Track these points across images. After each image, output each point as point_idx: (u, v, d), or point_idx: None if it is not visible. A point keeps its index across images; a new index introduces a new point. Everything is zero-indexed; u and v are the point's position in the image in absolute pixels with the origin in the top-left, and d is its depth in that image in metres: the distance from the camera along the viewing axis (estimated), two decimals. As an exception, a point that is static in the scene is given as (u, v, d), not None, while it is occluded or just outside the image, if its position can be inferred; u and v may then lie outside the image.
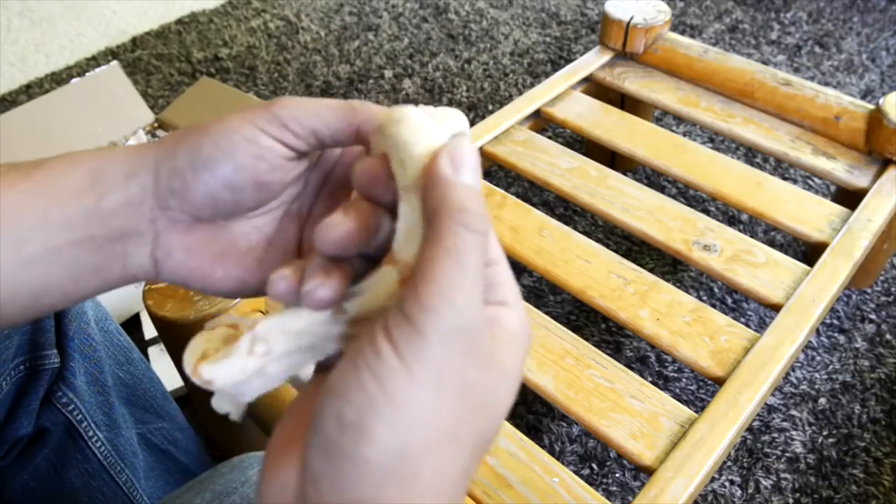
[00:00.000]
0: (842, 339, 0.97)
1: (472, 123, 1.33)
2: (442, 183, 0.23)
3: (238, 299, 0.64)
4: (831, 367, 0.94)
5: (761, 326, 0.98)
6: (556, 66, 1.47)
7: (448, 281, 0.21)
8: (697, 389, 0.92)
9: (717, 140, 1.27)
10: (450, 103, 1.39)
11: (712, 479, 0.84)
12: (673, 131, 1.17)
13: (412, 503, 0.21)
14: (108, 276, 0.30)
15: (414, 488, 0.21)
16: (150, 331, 0.98)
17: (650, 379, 0.92)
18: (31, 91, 1.47)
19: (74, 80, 1.09)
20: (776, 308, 0.73)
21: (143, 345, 0.97)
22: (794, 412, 0.89)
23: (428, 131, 0.25)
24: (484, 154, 0.94)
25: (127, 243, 0.30)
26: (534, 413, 0.90)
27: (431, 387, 0.21)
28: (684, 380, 0.93)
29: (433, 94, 1.41)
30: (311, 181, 0.33)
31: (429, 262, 0.22)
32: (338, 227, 0.26)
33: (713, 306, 0.87)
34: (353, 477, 0.21)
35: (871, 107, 0.90)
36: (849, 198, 0.87)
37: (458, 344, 0.21)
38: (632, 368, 0.84)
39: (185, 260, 0.30)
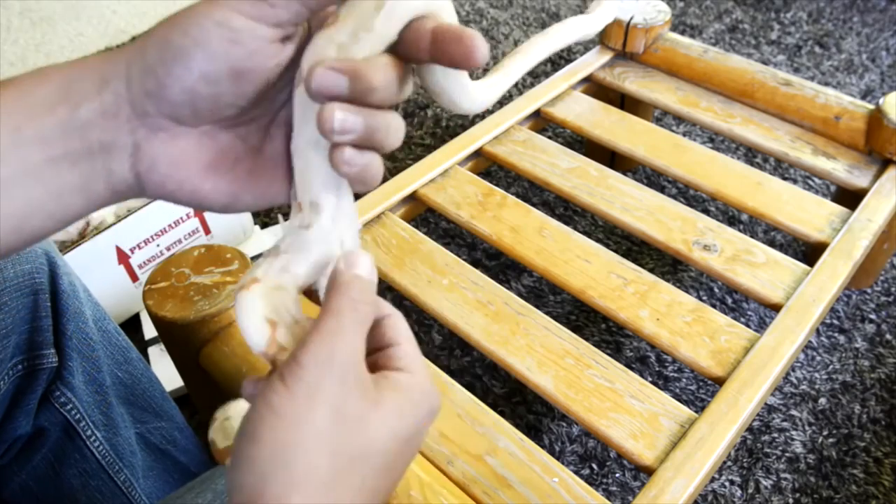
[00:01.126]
0: (842, 339, 0.97)
1: (472, 123, 1.33)
2: (336, 274, 0.30)
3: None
4: (831, 367, 0.94)
5: (761, 326, 0.98)
6: (556, 66, 1.47)
7: (326, 330, 0.27)
8: (697, 389, 0.92)
9: (717, 140, 1.27)
10: (450, 103, 1.39)
11: (712, 479, 0.84)
12: (673, 131, 1.17)
13: (282, 491, 0.25)
14: (93, 193, 0.29)
15: (289, 478, 0.25)
16: (150, 331, 0.98)
17: (650, 379, 0.92)
18: (31, 91, 1.47)
19: (74, 80, 1.09)
20: (776, 308, 0.73)
21: (143, 345, 0.97)
22: (794, 412, 0.89)
23: None
24: (484, 154, 0.94)
25: (108, 157, 0.28)
26: (534, 413, 0.90)
27: (304, 398, 0.26)
28: (684, 380, 0.93)
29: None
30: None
31: (315, 324, 0.28)
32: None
33: (713, 306, 0.87)
34: (244, 472, 0.26)
35: (871, 107, 0.90)
36: (849, 198, 0.87)
37: (332, 371, 0.27)
38: (632, 368, 0.84)
39: (170, 173, 0.29)
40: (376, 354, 0.31)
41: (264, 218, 1.17)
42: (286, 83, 0.30)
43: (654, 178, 1.20)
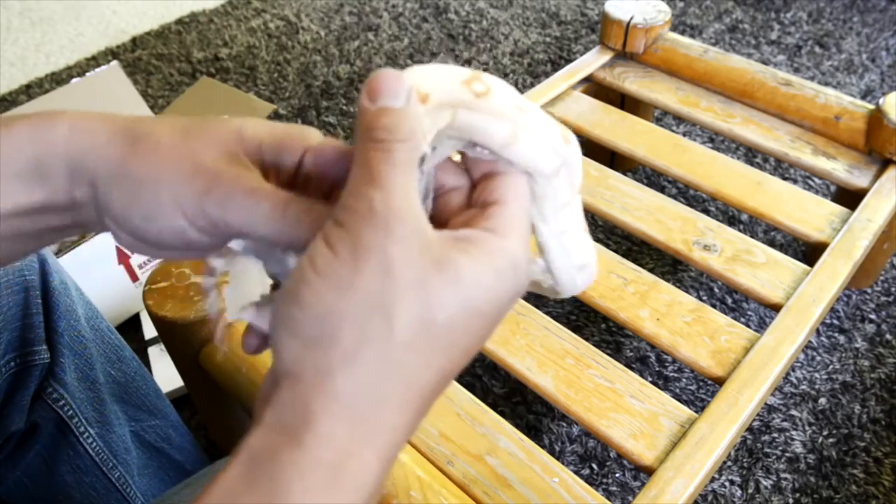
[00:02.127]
0: (842, 339, 0.97)
1: (472, 123, 1.33)
2: (359, 113, 0.26)
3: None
4: (831, 367, 0.94)
5: (761, 326, 0.98)
6: (556, 66, 1.47)
7: (354, 185, 0.24)
8: (697, 389, 0.92)
9: (717, 140, 1.27)
10: (450, 103, 1.39)
11: (712, 479, 0.84)
12: (673, 131, 1.17)
13: (331, 366, 0.22)
14: (51, 241, 0.31)
15: (333, 352, 0.22)
16: (150, 331, 0.98)
17: (650, 379, 0.92)
18: (31, 91, 1.47)
19: (74, 80, 1.09)
20: (776, 308, 0.73)
21: (143, 345, 0.97)
22: (794, 412, 0.89)
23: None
24: (484, 154, 0.94)
25: (76, 226, 0.30)
26: (534, 413, 0.90)
27: (350, 260, 0.23)
28: (684, 380, 0.93)
29: (433, 94, 1.41)
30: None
31: (346, 182, 0.25)
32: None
33: (713, 306, 0.87)
34: (285, 339, 0.23)
35: (871, 107, 0.90)
36: (849, 198, 0.87)
37: (376, 226, 0.23)
38: (632, 368, 0.84)
39: (131, 241, 0.30)
40: (472, 211, 0.27)
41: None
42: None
43: (654, 178, 1.20)
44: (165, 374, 0.92)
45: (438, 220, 0.28)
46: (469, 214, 0.26)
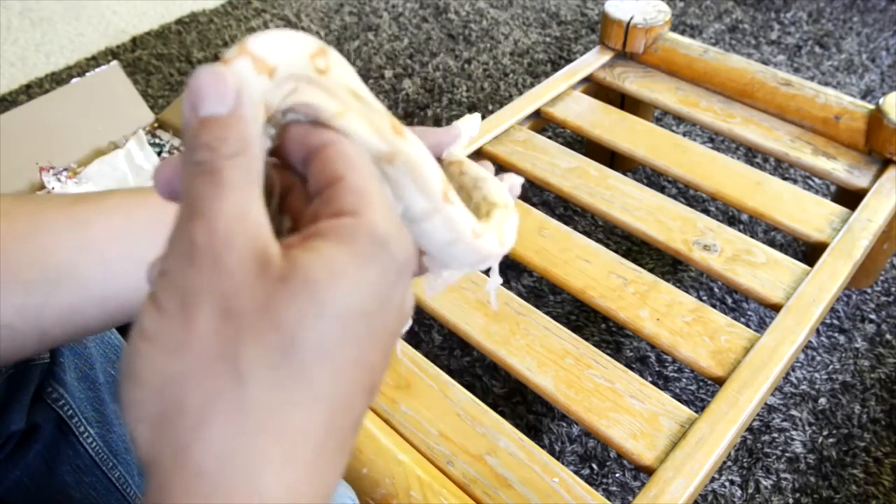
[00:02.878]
0: (842, 339, 0.97)
1: (472, 123, 1.32)
2: (182, 127, 0.21)
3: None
4: (831, 367, 0.94)
5: (761, 326, 0.98)
6: (556, 66, 1.47)
7: (177, 222, 0.20)
8: (697, 389, 0.92)
9: (717, 140, 1.27)
10: (450, 103, 1.39)
11: (712, 479, 0.84)
12: (673, 131, 1.17)
13: (185, 439, 0.19)
14: None
15: (182, 423, 0.19)
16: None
17: (650, 379, 0.92)
18: (31, 91, 1.47)
19: (74, 80, 1.09)
20: (776, 308, 0.73)
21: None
22: (794, 412, 0.89)
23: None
24: (484, 154, 0.94)
25: None
26: (534, 413, 0.90)
27: (178, 313, 0.19)
28: (684, 380, 0.93)
29: (433, 94, 1.41)
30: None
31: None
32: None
33: (713, 306, 0.87)
34: (134, 425, 0.20)
35: (871, 107, 0.90)
36: (849, 198, 0.87)
37: (198, 263, 0.19)
38: (632, 368, 0.84)
39: None
40: (313, 204, 0.22)
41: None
42: None
43: (654, 178, 1.20)
44: (165, 374, 0.92)
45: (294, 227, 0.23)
46: (312, 208, 0.22)
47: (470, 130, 0.35)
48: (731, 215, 1.14)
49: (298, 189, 0.24)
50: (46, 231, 0.33)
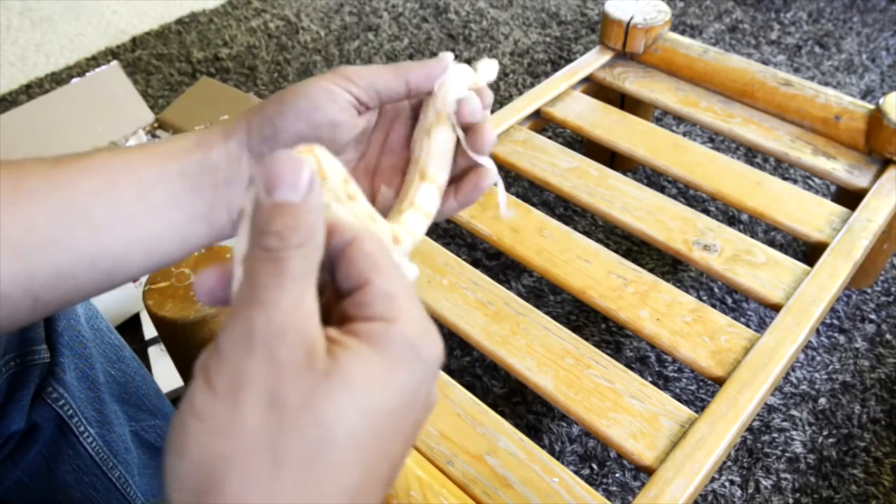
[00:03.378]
0: (842, 339, 0.97)
1: (472, 123, 1.32)
2: (255, 207, 0.23)
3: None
4: (831, 367, 0.94)
5: (761, 326, 0.98)
6: (556, 66, 1.47)
7: (236, 305, 0.22)
8: (697, 389, 0.92)
9: (717, 140, 1.27)
10: (450, 103, 1.39)
11: (712, 479, 0.84)
12: (673, 131, 1.17)
13: None
14: (216, 221, 0.36)
15: (217, 500, 0.20)
16: (150, 331, 0.98)
17: (650, 379, 0.92)
18: (31, 91, 1.47)
19: (74, 80, 1.09)
20: (776, 308, 0.73)
21: (143, 345, 0.97)
22: (794, 412, 0.89)
23: (461, 80, 0.37)
24: (484, 154, 0.94)
25: (230, 190, 0.36)
26: (534, 413, 0.90)
27: (228, 396, 0.21)
28: (684, 380, 0.93)
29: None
30: (374, 141, 0.39)
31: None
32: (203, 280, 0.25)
33: (713, 306, 0.87)
34: (175, 495, 0.21)
35: (871, 107, 0.90)
36: (849, 198, 0.87)
37: (252, 352, 0.21)
38: (632, 368, 0.84)
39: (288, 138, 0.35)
40: (345, 302, 0.24)
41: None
42: (365, 136, 0.39)
43: (654, 178, 1.20)
44: (165, 374, 0.92)
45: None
46: (344, 307, 0.24)
47: (487, 75, 0.39)
48: (731, 215, 1.14)
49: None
50: (30, 196, 0.33)
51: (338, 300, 0.24)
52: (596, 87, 1.06)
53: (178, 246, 0.36)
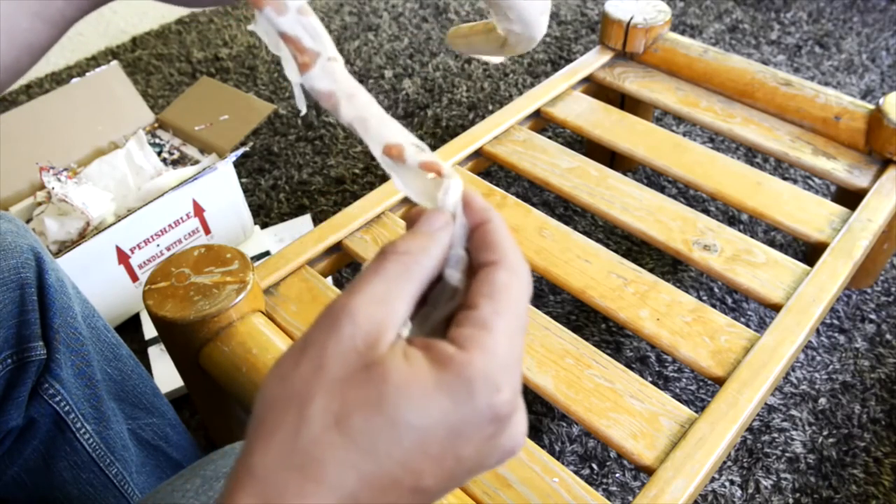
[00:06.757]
0: (842, 339, 0.97)
1: (472, 123, 1.33)
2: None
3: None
4: (831, 367, 0.94)
5: (761, 326, 0.98)
6: (556, 66, 1.47)
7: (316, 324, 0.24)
8: (697, 389, 0.92)
9: (717, 140, 1.27)
10: (450, 103, 1.39)
11: (712, 479, 0.84)
12: (673, 131, 1.17)
13: (252, 444, 0.23)
14: (51, 16, 0.30)
15: (257, 432, 0.23)
16: (150, 331, 0.98)
17: (650, 379, 0.92)
18: (31, 91, 1.47)
19: (74, 80, 1.09)
20: (776, 308, 0.73)
21: (143, 345, 0.97)
22: (794, 412, 0.89)
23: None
24: (484, 154, 0.94)
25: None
26: (534, 413, 0.90)
27: (296, 353, 0.24)
28: (684, 380, 0.93)
29: (433, 95, 1.41)
30: None
31: None
32: None
33: (713, 306, 0.87)
34: (259, 399, 0.24)
35: (871, 107, 0.90)
36: (849, 198, 0.87)
37: (325, 327, 0.24)
38: (632, 368, 0.84)
39: None
40: (459, 315, 0.25)
41: (264, 218, 1.17)
42: None
43: (654, 178, 1.20)
44: (165, 374, 0.92)
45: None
46: (458, 312, 0.25)
47: (452, 198, 0.32)
48: (731, 215, 1.14)
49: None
50: None
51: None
52: (596, 87, 1.06)
53: (11, 45, 0.30)
